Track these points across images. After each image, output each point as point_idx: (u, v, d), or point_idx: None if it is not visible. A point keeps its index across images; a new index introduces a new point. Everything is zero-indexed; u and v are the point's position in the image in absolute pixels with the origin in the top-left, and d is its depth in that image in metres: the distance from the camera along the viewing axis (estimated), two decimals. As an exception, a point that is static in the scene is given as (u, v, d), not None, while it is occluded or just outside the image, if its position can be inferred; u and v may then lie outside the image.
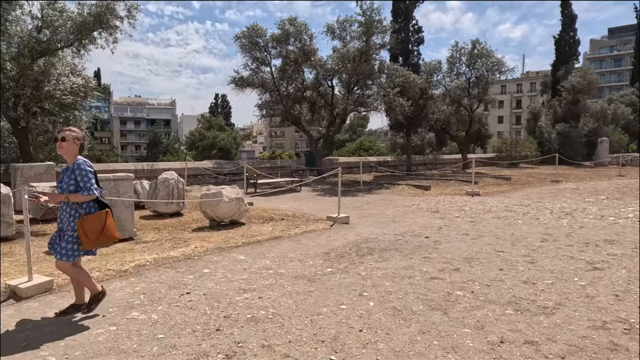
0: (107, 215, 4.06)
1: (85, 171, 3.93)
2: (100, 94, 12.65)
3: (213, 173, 16.61)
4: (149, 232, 8.13)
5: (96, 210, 4.05)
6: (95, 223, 3.96)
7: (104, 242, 4.07)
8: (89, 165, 4.04)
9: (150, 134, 72.14)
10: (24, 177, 10.28)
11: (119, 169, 14.35)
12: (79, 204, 3.97)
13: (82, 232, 3.90)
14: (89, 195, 3.91)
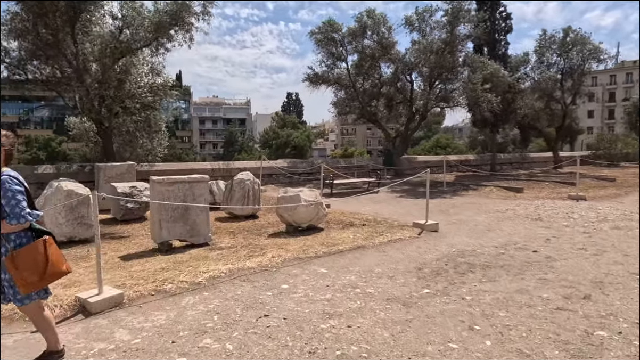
0: (45, 246, 3.07)
1: (12, 191, 2.91)
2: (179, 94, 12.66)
3: (287, 172, 16.24)
4: (224, 237, 7.72)
5: (29, 241, 3.06)
6: (29, 259, 2.97)
7: (49, 281, 3.13)
8: (18, 182, 3.00)
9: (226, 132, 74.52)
10: (107, 176, 10.39)
11: (196, 169, 14.36)
12: (5, 236, 2.98)
13: (14, 273, 2.93)
14: (18, 223, 2.93)
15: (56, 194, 7.21)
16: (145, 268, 5.71)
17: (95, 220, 4.37)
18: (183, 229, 6.82)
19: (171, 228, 6.70)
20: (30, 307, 3.17)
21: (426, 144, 41.81)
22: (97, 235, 4.40)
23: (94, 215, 4.34)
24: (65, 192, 7.12)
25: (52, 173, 12.26)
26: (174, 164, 15.46)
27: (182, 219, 6.80)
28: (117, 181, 10.29)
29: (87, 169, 12.56)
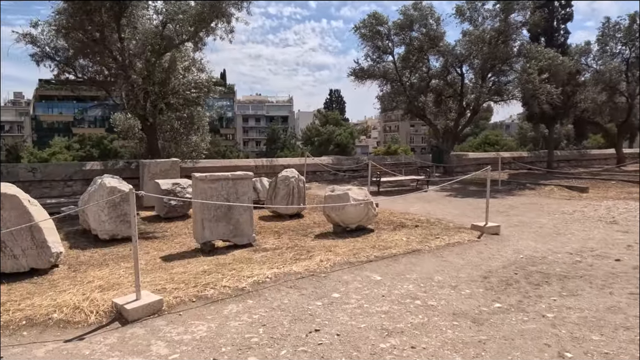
0: None
1: None
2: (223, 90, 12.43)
3: (332, 169, 15.77)
4: (269, 237, 7.33)
5: None
6: None
7: None
8: None
9: (268, 130, 75.01)
10: (151, 173, 10.27)
11: (239, 165, 14.14)
12: None
13: None
14: None
15: (99, 190, 7.05)
16: (186, 270, 5.37)
17: (133, 222, 4.04)
18: (226, 229, 6.47)
19: (214, 228, 6.36)
20: None
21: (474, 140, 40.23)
22: (135, 237, 4.07)
23: (132, 215, 4.01)
24: (108, 188, 6.93)
25: (99, 169, 12.33)
26: (217, 160, 15.33)
27: (225, 218, 6.45)
28: (161, 178, 10.15)
29: (133, 165, 12.56)
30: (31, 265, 5.24)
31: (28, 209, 5.20)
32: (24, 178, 11.56)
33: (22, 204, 5.17)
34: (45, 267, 5.33)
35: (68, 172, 12.08)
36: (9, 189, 5.16)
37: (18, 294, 4.58)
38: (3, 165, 11.88)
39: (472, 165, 20.33)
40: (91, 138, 55.65)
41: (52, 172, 11.93)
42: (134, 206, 4.03)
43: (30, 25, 10.66)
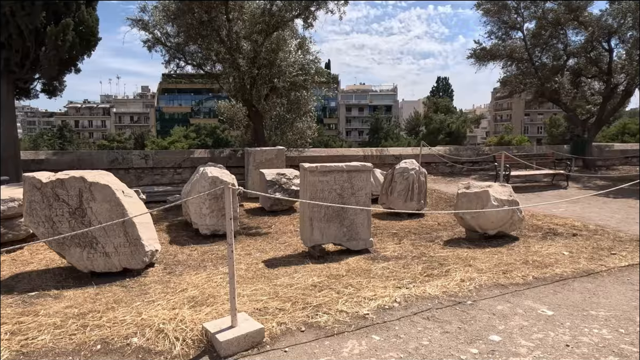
0: None
1: None
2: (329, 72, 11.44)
3: (449, 160, 14.09)
4: (387, 242, 6.14)
5: None
6: None
7: None
8: None
9: (372, 119, 73.73)
10: (256, 162, 9.63)
11: (347, 155, 13.12)
12: None
13: None
14: None
15: (201, 180, 6.40)
16: (293, 282, 4.39)
17: (229, 229, 3.08)
18: (339, 231, 5.40)
19: (324, 229, 5.33)
20: None
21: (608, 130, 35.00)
22: (231, 249, 3.11)
23: (228, 218, 3.05)
24: (209, 179, 6.25)
25: (206, 157, 12.11)
26: (323, 149, 14.49)
27: (338, 218, 5.38)
28: (266, 167, 9.46)
29: (239, 153, 12.15)
30: (124, 265, 4.63)
31: (121, 201, 4.59)
32: (137, 165, 11.69)
33: (115, 195, 4.56)
34: (138, 268, 4.70)
35: (177, 160, 12.00)
36: (102, 178, 4.58)
37: (104, 301, 3.93)
38: (119, 152, 12.15)
39: (617, 159, 17.21)
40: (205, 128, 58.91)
41: (162, 159, 11.93)
42: (230, 206, 3.07)
43: (139, 10, 10.57)
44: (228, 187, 3.06)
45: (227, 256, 3.14)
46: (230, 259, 3.11)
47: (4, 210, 5.56)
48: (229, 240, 3.10)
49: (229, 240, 3.09)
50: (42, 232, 4.45)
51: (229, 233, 3.08)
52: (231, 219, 3.07)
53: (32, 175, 4.44)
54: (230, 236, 3.09)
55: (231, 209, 3.07)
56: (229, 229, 3.08)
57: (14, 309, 3.76)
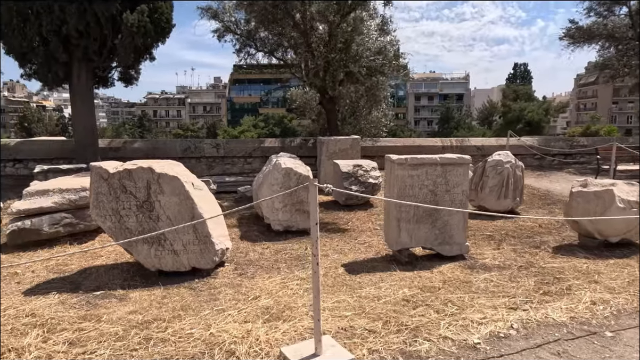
0: None
1: None
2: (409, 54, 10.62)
3: (538, 152, 12.72)
4: (483, 246, 5.31)
5: None
6: None
7: None
8: None
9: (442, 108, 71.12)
10: (329, 152, 9.06)
11: (424, 146, 12.21)
12: None
13: None
14: None
15: (273, 172, 5.92)
16: (380, 294, 3.76)
17: (314, 233, 2.50)
18: (430, 234, 4.68)
19: (414, 231, 4.63)
20: None
21: None
22: (316, 261, 2.53)
23: (313, 223, 2.47)
24: (283, 170, 5.75)
25: (277, 147, 11.75)
26: (398, 139, 13.66)
27: (430, 218, 4.66)
28: (340, 157, 8.85)
29: (310, 142, 11.67)
30: (192, 264, 4.23)
31: (190, 195, 4.17)
32: (208, 154, 11.56)
33: (184, 188, 4.16)
34: (208, 268, 4.28)
35: (248, 149, 11.75)
36: (171, 169, 4.19)
37: (171, 307, 3.53)
38: (191, 140, 12.11)
39: None
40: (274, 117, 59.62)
41: (233, 149, 11.72)
42: (316, 208, 2.48)
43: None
44: (313, 183, 2.46)
45: (312, 270, 2.56)
46: (316, 273, 2.52)
47: (76, 200, 5.40)
48: (313, 251, 2.51)
49: (314, 251, 2.51)
50: (109, 226, 4.15)
51: (314, 242, 2.50)
52: (317, 223, 2.48)
53: (99, 165, 4.14)
54: (315, 245, 2.50)
55: (317, 211, 2.48)
56: (314, 235, 2.50)
57: (77, 311, 3.44)
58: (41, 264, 4.61)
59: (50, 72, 9.27)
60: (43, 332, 3.06)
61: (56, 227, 5.24)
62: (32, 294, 3.81)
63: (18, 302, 3.62)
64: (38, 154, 10.84)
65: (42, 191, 5.39)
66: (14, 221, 5.19)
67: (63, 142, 11.62)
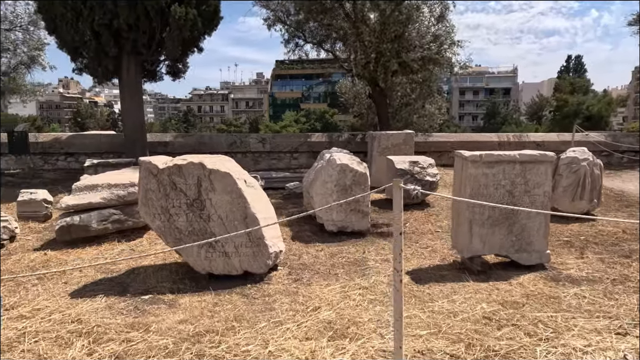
0: None
1: None
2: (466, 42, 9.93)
3: (605, 149, 11.74)
4: (563, 254, 4.73)
5: None
6: None
7: None
8: None
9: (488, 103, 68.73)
10: (381, 147, 8.60)
11: (480, 141, 11.51)
12: None
13: None
14: None
15: (327, 168, 5.54)
16: (455, 308, 3.31)
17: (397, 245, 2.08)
18: (505, 239, 4.17)
19: (487, 236, 4.13)
20: None
21: None
22: (398, 274, 2.12)
23: (397, 233, 2.05)
24: (338, 167, 5.36)
25: (324, 142, 11.40)
26: (451, 134, 12.98)
27: (506, 222, 4.15)
28: (392, 153, 8.38)
29: (358, 137, 11.23)
30: (244, 268, 3.92)
31: (243, 193, 3.85)
32: (254, 149, 11.36)
33: (237, 185, 3.84)
34: (261, 272, 3.96)
35: (294, 144, 11.45)
36: (222, 165, 3.88)
37: (223, 316, 3.22)
38: (237, 135, 11.95)
39: None
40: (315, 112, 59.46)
41: (280, 144, 11.46)
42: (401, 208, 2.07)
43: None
44: (399, 185, 2.04)
45: (394, 288, 2.15)
46: (398, 291, 2.11)
47: (124, 196, 5.23)
48: (396, 266, 2.10)
49: (396, 265, 2.09)
50: (158, 225, 3.89)
51: (396, 254, 2.08)
52: (401, 233, 2.07)
53: (148, 160, 3.88)
54: (399, 259, 2.09)
55: (401, 218, 2.07)
56: (397, 247, 2.08)
57: (124, 318, 3.19)
58: (89, 263, 4.44)
59: (101, 66, 9.28)
60: (88, 342, 2.81)
61: (104, 223, 5.08)
62: (79, 296, 3.61)
63: (64, 305, 3.41)
64: (89, 148, 10.97)
65: (91, 186, 5.25)
66: (63, 216, 5.07)
67: (113, 137, 11.73)
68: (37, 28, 11.48)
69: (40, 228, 5.79)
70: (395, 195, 2.05)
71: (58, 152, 11.01)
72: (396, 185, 2.05)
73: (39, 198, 6.13)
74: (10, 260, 4.51)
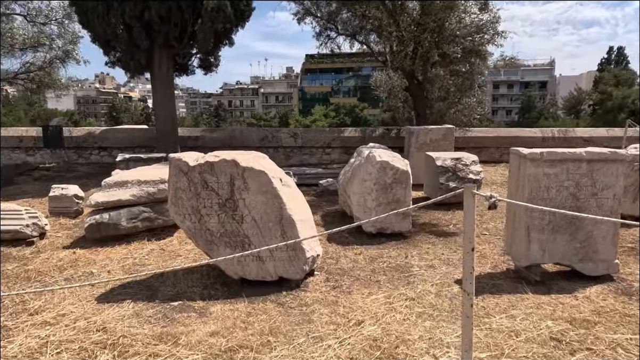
0: None
1: None
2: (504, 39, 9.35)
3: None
4: (630, 262, 4.25)
5: None
6: None
7: None
8: None
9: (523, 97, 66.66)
10: (419, 143, 8.18)
11: (521, 136, 10.90)
12: None
13: None
14: None
15: (365, 165, 5.20)
16: (515, 327, 2.93)
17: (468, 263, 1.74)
18: (568, 247, 3.74)
19: (547, 242, 3.71)
20: None
21: None
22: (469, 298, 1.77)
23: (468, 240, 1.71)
24: (377, 164, 5.01)
25: (357, 137, 11.04)
26: (490, 129, 12.38)
27: (569, 228, 3.72)
28: (431, 149, 7.96)
29: (393, 132, 10.82)
30: (280, 274, 3.63)
31: (279, 193, 3.56)
32: (286, 143, 11.11)
33: (272, 184, 3.55)
34: (297, 278, 3.67)
35: (326, 139, 11.14)
36: (256, 162, 3.60)
37: (258, 328, 2.94)
38: (268, 130, 11.73)
39: None
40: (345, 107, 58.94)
41: (312, 138, 11.17)
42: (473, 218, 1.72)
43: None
44: (471, 191, 1.70)
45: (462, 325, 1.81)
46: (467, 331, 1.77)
47: (154, 193, 5.03)
48: (466, 288, 1.76)
49: (466, 287, 1.75)
50: (188, 226, 3.65)
51: (467, 274, 1.74)
52: (473, 249, 1.72)
53: (178, 157, 3.64)
54: (469, 279, 1.74)
55: (474, 235, 1.72)
56: (467, 267, 1.74)
57: (152, 328, 2.96)
58: (117, 263, 4.25)
59: (133, 59, 9.18)
60: (113, 356, 2.59)
61: (134, 221, 4.90)
62: (105, 300, 3.41)
63: (90, 310, 3.21)
64: (122, 142, 10.96)
65: (121, 183, 5.07)
66: (93, 214, 4.92)
67: (145, 131, 11.70)
68: (71, 21, 11.48)
69: (70, 224, 5.69)
70: (466, 204, 1.71)
71: (92, 146, 11.04)
72: (468, 192, 1.70)
73: (70, 194, 6.03)
74: (39, 259, 4.37)
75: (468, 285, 1.75)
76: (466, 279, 1.75)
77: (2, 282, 3.76)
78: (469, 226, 1.72)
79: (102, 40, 9.01)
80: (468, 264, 1.74)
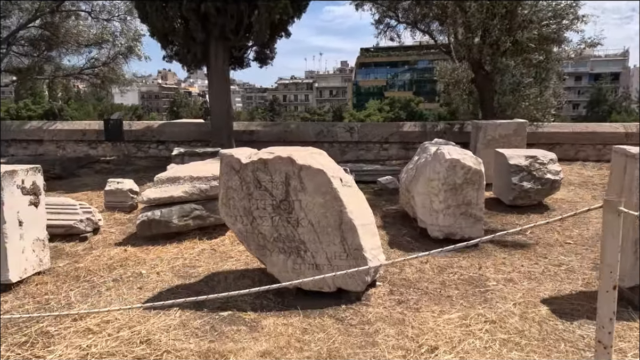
0: None
1: None
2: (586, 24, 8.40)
3: None
4: None
5: None
6: None
7: None
8: None
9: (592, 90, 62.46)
10: (487, 139, 7.52)
11: (600, 132, 9.88)
12: None
13: None
14: None
15: (433, 163, 4.71)
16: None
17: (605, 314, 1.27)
18: (686, 266, 3.10)
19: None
20: None
21: None
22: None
23: (607, 280, 1.23)
24: (447, 162, 4.51)
25: (417, 132, 10.46)
26: (565, 124, 11.33)
27: (690, 243, 3.08)
28: (500, 145, 7.28)
29: (455, 127, 10.14)
30: (338, 285, 3.26)
31: (339, 194, 3.19)
32: (341, 138, 10.71)
33: (332, 185, 3.18)
34: (357, 290, 3.28)
35: (384, 134, 10.62)
36: (314, 160, 3.24)
37: (314, 349, 2.59)
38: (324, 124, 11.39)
39: None
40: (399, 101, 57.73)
41: (369, 133, 10.70)
42: (618, 243, 1.24)
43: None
44: (616, 206, 1.22)
45: None
46: None
47: (207, 190, 4.81)
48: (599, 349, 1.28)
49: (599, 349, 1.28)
50: (240, 228, 3.36)
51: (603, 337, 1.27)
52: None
53: (229, 154, 3.35)
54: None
55: (616, 271, 1.24)
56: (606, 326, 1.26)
57: (199, 342, 2.68)
58: (167, 263, 4.05)
59: (189, 52, 9.12)
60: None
61: (185, 219, 4.70)
62: (152, 306, 3.18)
63: (135, 318, 2.99)
64: (179, 136, 11.01)
65: (173, 178, 4.90)
66: (145, 210, 4.77)
67: (201, 125, 11.71)
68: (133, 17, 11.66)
69: (125, 219, 5.61)
70: (606, 223, 1.24)
71: (150, 139, 11.18)
72: (610, 208, 1.22)
73: (125, 188, 5.97)
74: (90, 257, 4.26)
75: (605, 336, 1.28)
76: (602, 327, 1.29)
77: (51, 280, 3.64)
78: (610, 256, 1.25)
79: (160, 34, 9.00)
80: (606, 308, 1.28)
